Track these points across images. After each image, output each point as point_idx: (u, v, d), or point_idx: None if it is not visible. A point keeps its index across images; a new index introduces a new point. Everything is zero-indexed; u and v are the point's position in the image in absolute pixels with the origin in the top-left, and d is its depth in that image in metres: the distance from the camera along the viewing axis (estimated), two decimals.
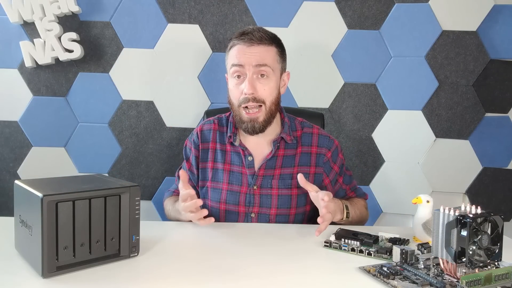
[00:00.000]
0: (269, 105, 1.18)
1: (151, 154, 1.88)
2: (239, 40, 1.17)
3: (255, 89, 1.15)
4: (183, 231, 1.07)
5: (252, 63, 1.15)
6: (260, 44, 1.16)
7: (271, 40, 1.19)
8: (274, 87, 1.19)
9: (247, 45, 1.16)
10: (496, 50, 1.79)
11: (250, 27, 1.20)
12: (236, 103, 1.19)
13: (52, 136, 1.87)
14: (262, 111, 1.18)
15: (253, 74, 1.16)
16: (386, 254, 0.87)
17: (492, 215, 0.73)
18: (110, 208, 0.81)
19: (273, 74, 1.18)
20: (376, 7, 1.81)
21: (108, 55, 1.85)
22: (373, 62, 1.83)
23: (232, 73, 1.18)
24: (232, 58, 1.18)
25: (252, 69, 1.15)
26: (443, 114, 1.83)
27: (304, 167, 1.24)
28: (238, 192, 1.22)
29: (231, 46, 1.20)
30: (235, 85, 1.19)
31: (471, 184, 1.84)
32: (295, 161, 1.24)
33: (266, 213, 1.21)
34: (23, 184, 0.80)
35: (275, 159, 1.24)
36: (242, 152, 1.24)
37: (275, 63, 1.19)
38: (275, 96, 1.20)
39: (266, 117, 1.19)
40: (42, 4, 1.77)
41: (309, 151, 1.25)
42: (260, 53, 1.16)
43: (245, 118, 1.19)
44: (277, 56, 1.20)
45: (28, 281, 0.73)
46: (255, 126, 1.18)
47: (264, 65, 1.16)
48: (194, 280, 0.75)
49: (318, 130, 1.29)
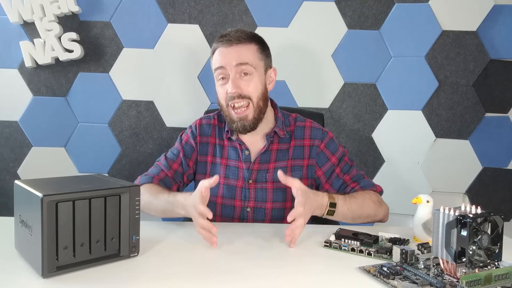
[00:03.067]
0: (256, 101, 1.20)
1: (151, 154, 1.88)
2: (218, 42, 1.20)
3: (239, 87, 1.17)
4: (183, 231, 1.07)
5: (233, 63, 1.17)
6: (239, 43, 1.18)
7: (250, 38, 1.20)
8: (258, 82, 1.20)
9: (226, 46, 1.18)
10: (496, 50, 1.79)
11: (228, 30, 1.22)
12: (224, 104, 1.21)
13: (52, 136, 1.87)
14: (250, 108, 1.19)
15: (235, 74, 1.17)
16: (386, 254, 0.87)
17: (492, 215, 0.73)
18: (110, 208, 0.81)
19: (255, 71, 1.19)
20: (376, 7, 1.81)
21: (108, 55, 1.85)
22: (373, 62, 1.83)
23: (217, 76, 1.21)
24: (214, 61, 1.21)
25: (234, 69, 1.17)
26: (443, 114, 1.83)
27: (297, 160, 1.25)
28: (234, 186, 1.24)
29: (213, 50, 1.22)
30: (220, 86, 1.21)
31: (471, 184, 1.84)
32: (288, 154, 1.25)
33: (261, 207, 1.22)
34: (23, 184, 0.80)
35: (269, 153, 1.25)
36: (239, 147, 1.25)
37: (256, 60, 1.20)
38: (261, 92, 1.21)
39: (255, 114, 1.20)
40: (42, 4, 1.77)
41: (302, 144, 1.26)
42: (239, 52, 1.17)
43: (234, 118, 1.20)
44: (258, 53, 1.21)
45: (28, 281, 0.73)
46: (245, 125, 1.20)
47: (245, 64, 1.17)
48: (194, 280, 0.75)
49: (310, 123, 1.29)
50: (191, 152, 1.29)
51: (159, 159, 1.31)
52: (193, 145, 1.29)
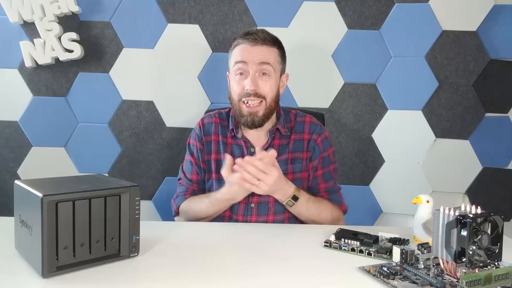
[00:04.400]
0: (270, 101, 1.23)
1: (151, 154, 1.88)
2: (243, 39, 1.23)
3: (257, 85, 1.21)
4: (183, 231, 1.07)
5: (256, 61, 1.20)
6: (264, 44, 1.22)
7: (274, 41, 1.25)
8: (274, 85, 1.24)
9: (251, 44, 1.21)
10: (496, 50, 1.79)
11: (254, 29, 1.26)
12: (236, 98, 1.24)
13: (52, 136, 1.87)
14: (262, 106, 1.22)
15: (255, 72, 1.21)
16: (386, 254, 0.87)
17: (492, 215, 0.73)
18: (110, 208, 0.81)
19: (274, 73, 1.24)
20: (376, 7, 1.81)
21: (108, 55, 1.85)
22: (373, 62, 1.83)
23: (236, 70, 1.23)
24: (235, 55, 1.23)
25: (255, 67, 1.20)
26: (443, 114, 1.83)
27: (297, 153, 1.28)
28: None
29: (235, 45, 1.25)
30: (237, 81, 1.23)
31: (471, 184, 1.84)
32: (289, 147, 1.28)
33: (265, 201, 1.23)
34: (23, 184, 0.80)
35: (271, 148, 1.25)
36: (244, 144, 1.28)
37: (276, 63, 1.25)
38: (275, 93, 1.25)
39: (266, 112, 1.23)
40: (42, 4, 1.77)
41: (301, 138, 1.29)
42: (263, 52, 1.21)
43: (245, 112, 1.23)
44: (278, 57, 1.26)
45: (28, 281, 0.73)
46: (254, 120, 1.22)
47: (267, 64, 1.21)
48: (194, 280, 0.75)
49: (310, 118, 1.33)
50: (201, 154, 1.31)
51: (179, 177, 1.34)
52: (200, 147, 1.31)
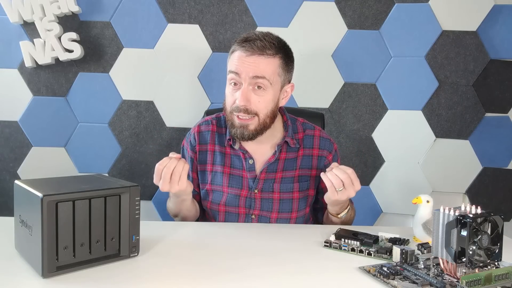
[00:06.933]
0: (263, 117, 1.13)
1: (151, 154, 1.88)
2: (240, 46, 1.11)
3: (249, 101, 1.10)
4: (183, 231, 1.07)
5: (249, 73, 1.09)
6: (261, 55, 1.09)
7: (276, 50, 1.11)
8: (270, 100, 1.13)
9: (247, 54, 1.09)
10: (496, 50, 1.79)
11: (255, 34, 1.12)
12: (228, 109, 1.15)
13: (52, 136, 1.87)
14: (254, 121, 1.13)
15: (248, 85, 1.10)
16: (386, 254, 0.87)
17: (492, 215, 0.73)
18: (110, 208, 0.81)
19: (270, 87, 1.12)
20: (376, 7, 1.81)
21: (108, 55, 1.85)
22: (373, 62, 1.83)
23: (229, 79, 1.14)
24: (230, 63, 1.13)
25: (248, 80, 1.09)
26: (443, 114, 1.83)
27: (305, 169, 1.22)
28: (238, 195, 1.20)
29: (232, 50, 1.14)
30: (230, 92, 1.14)
31: (471, 184, 1.84)
32: (296, 163, 1.21)
33: (267, 216, 1.20)
34: (23, 184, 0.80)
35: (276, 163, 1.21)
36: (243, 155, 1.21)
37: (274, 76, 1.12)
38: (271, 109, 1.14)
39: (258, 128, 1.14)
40: (42, 4, 1.77)
41: (310, 154, 1.23)
42: (259, 65, 1.09)
43: (236, 124, 1.14)
44: (279, 69, 1.13)
45: (28, 281, 0.73)
46: (244, 133, 1.13)
47: (262, 78, 1.09)
48: (194, 280, 0.75)
49: (319, 132, 1.26)
50: (191, 164, 1.25)
51: None
52: (192, 155, 1.25)
